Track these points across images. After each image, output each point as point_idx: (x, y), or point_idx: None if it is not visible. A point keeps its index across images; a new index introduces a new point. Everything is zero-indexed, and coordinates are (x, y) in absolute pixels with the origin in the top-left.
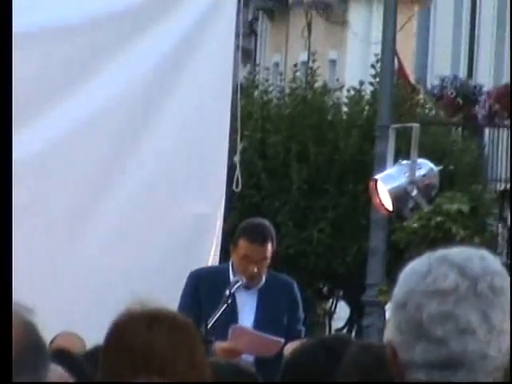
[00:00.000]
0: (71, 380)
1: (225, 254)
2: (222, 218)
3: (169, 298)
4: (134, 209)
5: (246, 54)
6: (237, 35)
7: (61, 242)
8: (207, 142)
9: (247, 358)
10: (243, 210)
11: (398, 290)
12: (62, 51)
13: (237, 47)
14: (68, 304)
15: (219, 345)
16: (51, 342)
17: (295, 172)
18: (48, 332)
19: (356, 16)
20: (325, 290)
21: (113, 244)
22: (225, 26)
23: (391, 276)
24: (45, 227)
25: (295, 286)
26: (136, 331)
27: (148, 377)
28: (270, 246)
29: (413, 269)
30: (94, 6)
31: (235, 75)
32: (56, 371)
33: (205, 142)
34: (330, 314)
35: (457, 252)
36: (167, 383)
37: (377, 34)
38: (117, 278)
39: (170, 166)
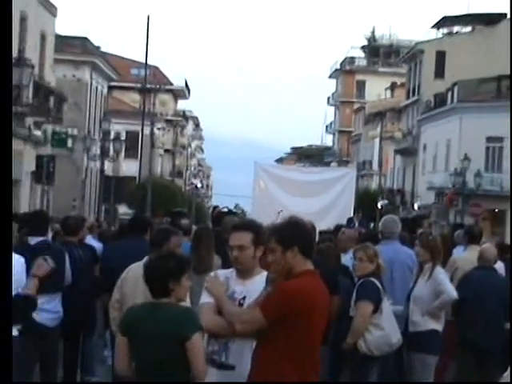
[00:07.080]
0: None
1: None
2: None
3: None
4: (323, 211)
5: None
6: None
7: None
8: (347, 207)
9: None
10: None
11: None
12: (313, 186)
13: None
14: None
15: None
16: None
17: None
18: None
19: None
20: None
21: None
22: (352, 182)
23: None
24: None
25: None
26: None
27: None
28: None
29: None
30: (320, 177)
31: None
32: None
33: (347, 206)
34: None
35: None
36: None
37: None
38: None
39: (335, 210)
